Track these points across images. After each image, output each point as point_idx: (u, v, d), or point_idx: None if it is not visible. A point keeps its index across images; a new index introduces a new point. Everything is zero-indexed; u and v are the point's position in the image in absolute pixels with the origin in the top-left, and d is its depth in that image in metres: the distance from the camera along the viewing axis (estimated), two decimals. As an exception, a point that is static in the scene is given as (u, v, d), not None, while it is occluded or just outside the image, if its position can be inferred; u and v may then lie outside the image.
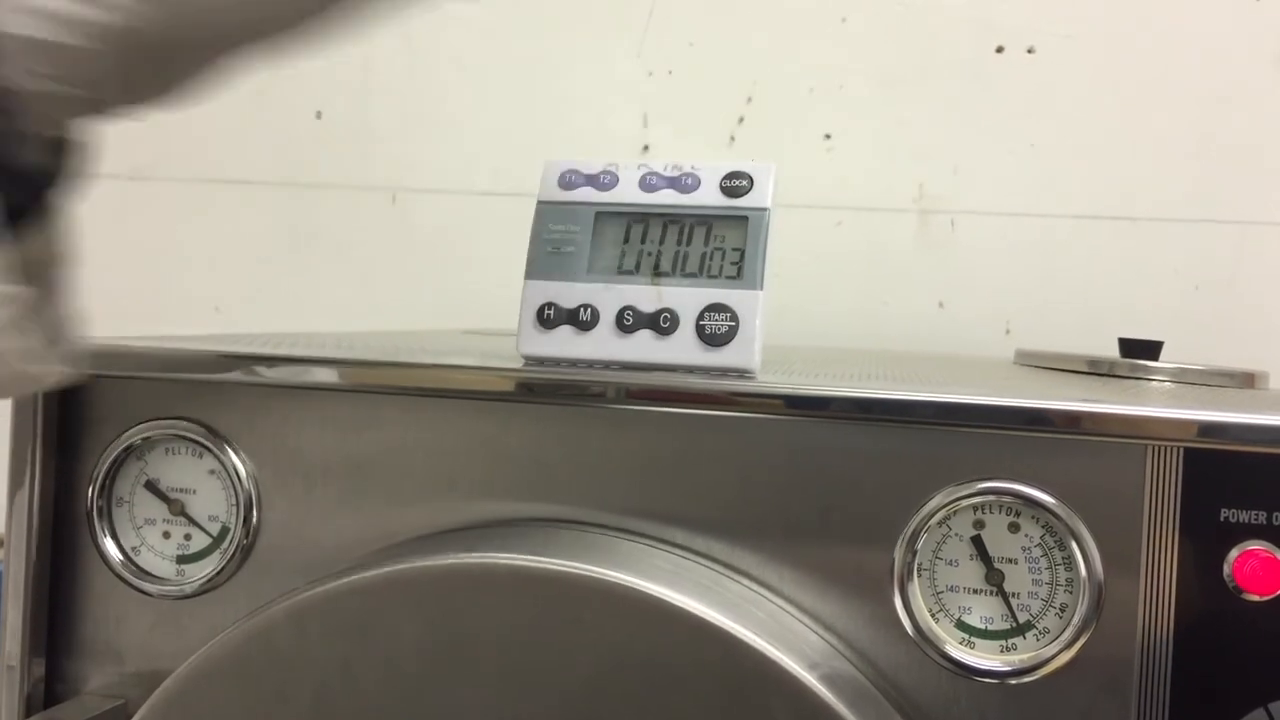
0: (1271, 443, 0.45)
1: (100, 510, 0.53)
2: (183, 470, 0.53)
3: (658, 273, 0.52)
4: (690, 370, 0.50)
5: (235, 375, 0.52)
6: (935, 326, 1.01)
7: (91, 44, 0.39)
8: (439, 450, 0.51)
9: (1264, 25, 0.96)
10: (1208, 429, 0.45)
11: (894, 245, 1.02)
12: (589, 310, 0.51)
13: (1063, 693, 0.46)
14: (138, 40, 0.39)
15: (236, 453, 0.53)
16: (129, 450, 0.53)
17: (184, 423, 0.53)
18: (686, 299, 0.51)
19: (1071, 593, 0.46)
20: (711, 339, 0.50)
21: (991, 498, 0.46)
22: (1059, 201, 1.00)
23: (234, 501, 0.53)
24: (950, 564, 0.47)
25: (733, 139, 1.05)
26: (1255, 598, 0.44)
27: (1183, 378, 0.67)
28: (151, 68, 0.41)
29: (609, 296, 0.51)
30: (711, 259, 0.51)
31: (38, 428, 0.53)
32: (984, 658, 0.46)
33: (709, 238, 0.52)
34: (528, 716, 0.44)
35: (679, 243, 0.52)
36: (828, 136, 1.03)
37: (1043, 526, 0.46)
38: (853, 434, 0.48)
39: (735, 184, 0.52)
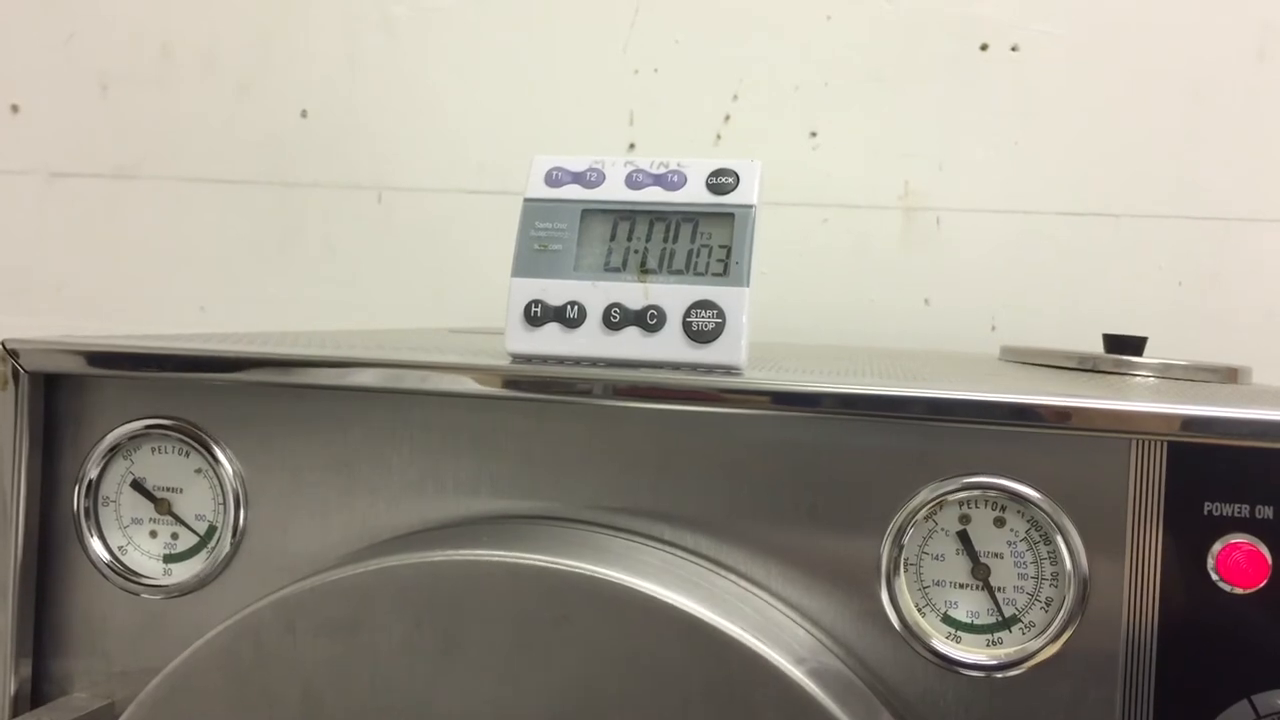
0: (1254, 437, 0.45)
1: (87, 510, 0.53)
2: (169, 469, 0.53)
3: (644, 270, 0.52)
4: (677, 367, 0.50)
5: (222, 375, 0.52)
6: (921, 323, 1.02)
7: None
8: (426, 448, 0.51)
9: (1245, 20, 0.97)
10: (1191, 423, 0.45)
11: (880, 242, 1.03)
12: (576, 308, 0.52)
13: (1048, 686, 0.46)
14: None
15: (223, 452, 0.53)
16: (115, 449, 0.53)
17: (171, 422, 0.53)
18: (673, 296, 0.51)
19: (1057, 586, 0.46)
20: (698, 336, 0.50)
21: (977, 492, 0.47)
22: (1043, 198, 1.00)
23: (221, 500, 0.53)
24: (936, 559, 0.47)
25: (719, 137, 1.05)
26: (1239, 590, 0.45)
27: (1166, 373, 0.67)
28: None
29: (596, 294, 0.52)
30: (698, 256, 0.51)
31: (23, 427, 0.52)
32: (970, 652, 0.46)
33: (695, 235, 0.52)
34: (517, 712, 0.45)
35: (665, 240, 0.52)
36: (813, 134, 1.03)
37: (1028, 521, 0.46)
38: (839, 430, 0.48)
39: (721, 181, 0.53)
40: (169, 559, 0.53)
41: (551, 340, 0.52)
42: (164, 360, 0.52)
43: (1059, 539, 0.46)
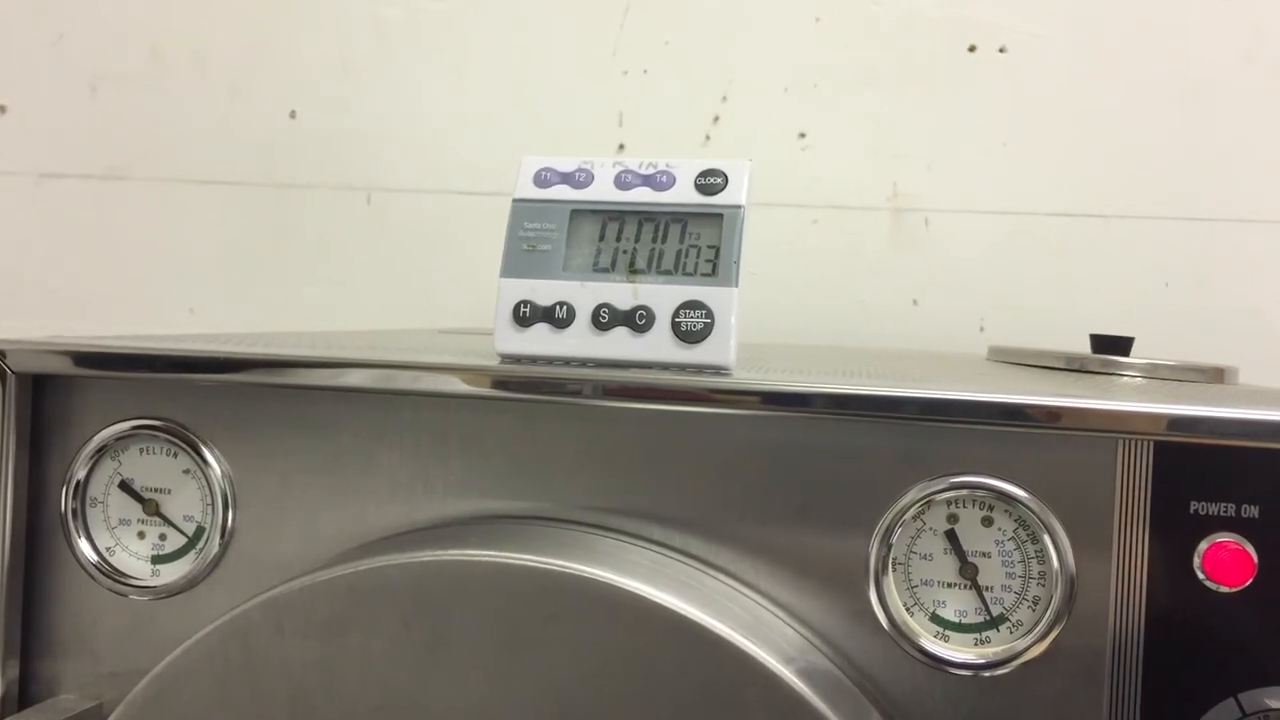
0: (1240, 436, 0.45)
1: (75, 511, 0.53)
2: (158, 470, 0.53)
3: (633, 270, 0.52)
4: (666, 367, 0.51)
5: (211, 375, 0.52)
6: (910, 324, 1.02)
7: None
8: (416, 449, 0.51)
9: (1234, 21, 0.97)
10: (1177, 423, 0.45)
11: (869, 243, 1.03)
12: (565, 308, 0.52)
13: (1036, 684, 0.46)
14: None
15: (212, 452, 0.53)
16: (103, 450, 0.53)
17: (159, 423, 0.53)
18: (662, 296, 0.51)
19: (1044, 585, 0.46)
20: (687, 336, 0.50)
21: (965, 492, 0.47)
22: (1031, 199, 1.00)
23: (209, 501, 0.53)
24: (924, 558, 0.47)
25: (708, 138, 1.05)
26: (1225, 589, 0.45)
27: (1153, 373, 0.68)
28: None
29: (585, 294, 0.52)
30: (687, 256, 0.52)
31: (10, 427, 0.52)
32: (958, 651, 0.47)
33: (684, 235, 0.52)
34: (505, 712, 0.45)
35: (654, 240, 0.52)
36: (802, 135, 1.04)
37: (1015, 520, 0.47)
38: (828, 430, 0.48)
39: (710, 181, 0.53)
40: (157, 560, 0.53)
41: (540, 341, 0.52)
42: (152, 361, 0.52)
43: (1046, 538, 0.46)
